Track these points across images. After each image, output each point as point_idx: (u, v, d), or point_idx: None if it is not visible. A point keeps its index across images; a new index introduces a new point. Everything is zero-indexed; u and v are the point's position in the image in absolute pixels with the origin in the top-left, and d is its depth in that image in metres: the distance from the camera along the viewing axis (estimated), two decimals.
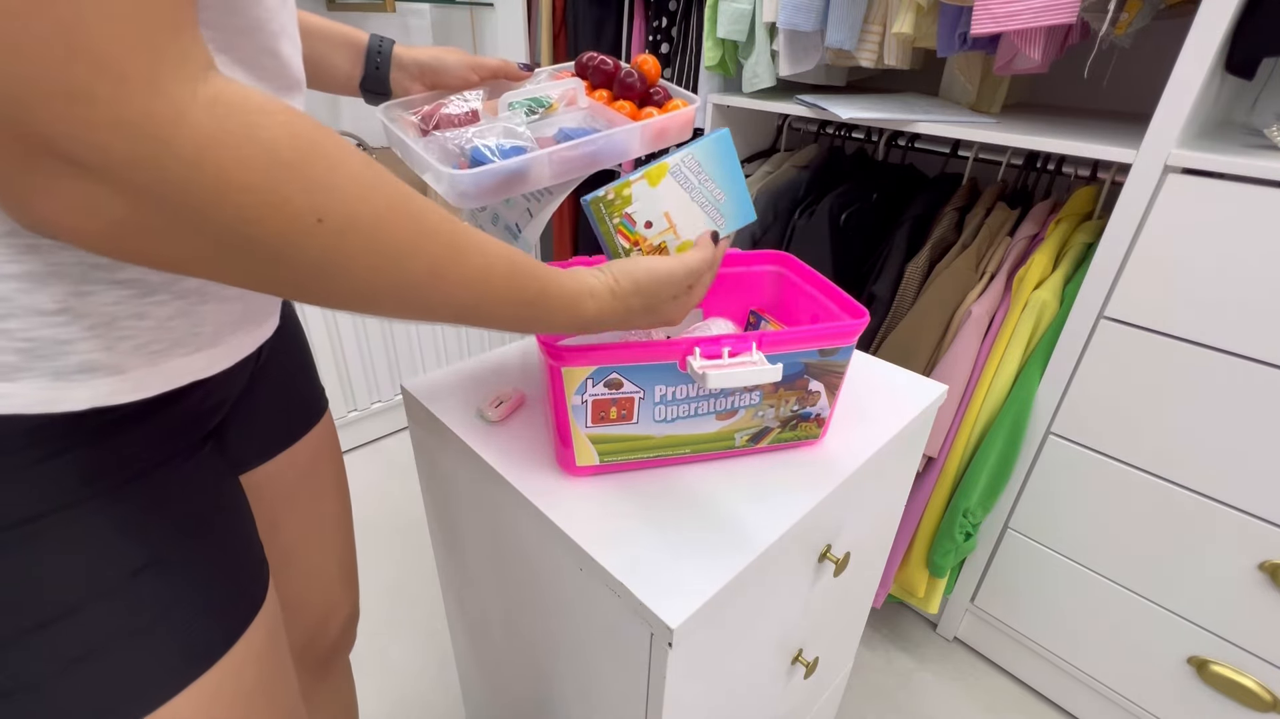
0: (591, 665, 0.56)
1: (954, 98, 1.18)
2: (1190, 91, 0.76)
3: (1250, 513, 0.86)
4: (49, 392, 0.30)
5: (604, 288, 0.44)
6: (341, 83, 0.60)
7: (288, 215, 0.27)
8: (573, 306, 0.42)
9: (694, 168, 0.50)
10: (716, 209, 0.52)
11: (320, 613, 0.64)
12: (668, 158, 0.49)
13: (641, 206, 0.49)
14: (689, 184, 0.50)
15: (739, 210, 0.53)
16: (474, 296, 0.36)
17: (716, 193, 0.52)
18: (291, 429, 0.58)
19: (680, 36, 1.48)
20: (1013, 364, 1.00)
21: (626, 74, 0.59)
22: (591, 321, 0.43)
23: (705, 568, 0.47)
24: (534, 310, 0.39)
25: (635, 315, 0.46)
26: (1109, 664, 1.07)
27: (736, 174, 0.52)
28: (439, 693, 1.19)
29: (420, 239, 0.32)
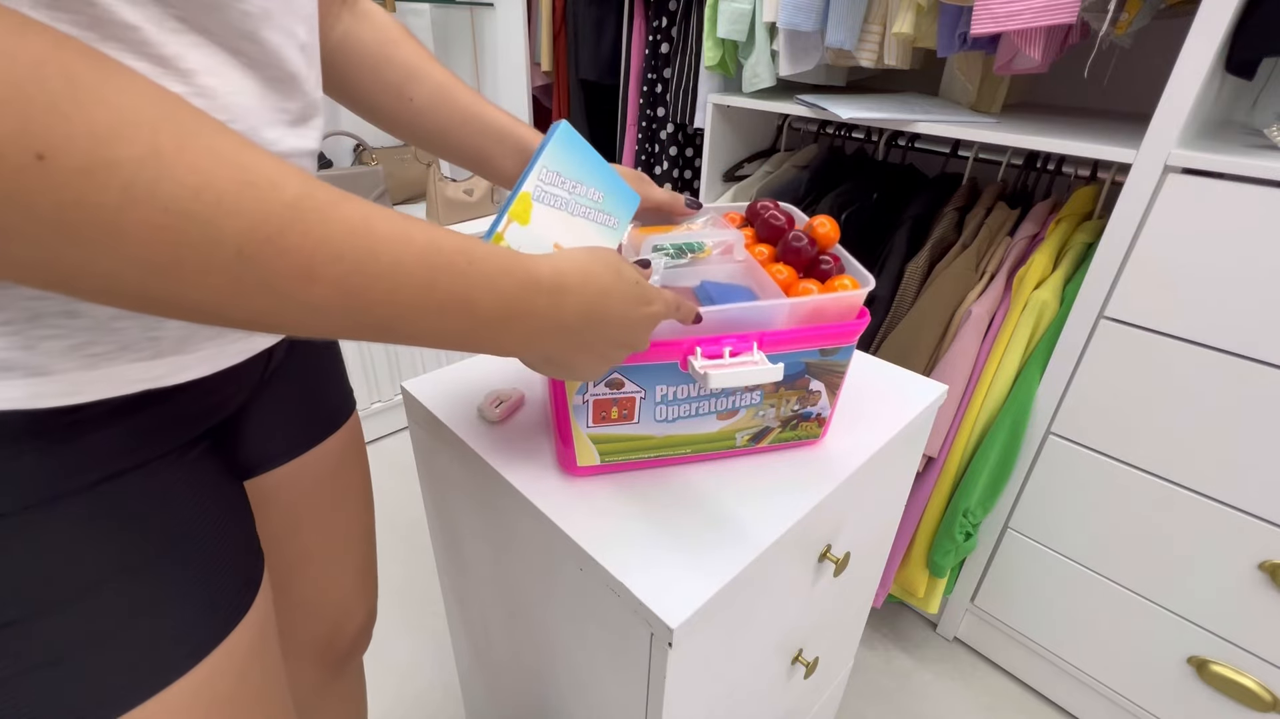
0: (591, 665, 0.56)
1: (954, 98, 1.18)
2: (1190, 91, 0.76)
3: (1250, 513, 0.86)
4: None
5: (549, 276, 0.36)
6: (507, 183, 0.57)
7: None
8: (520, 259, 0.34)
9: (556, 180, 0.45)
10: (601, 211, 0.47)
11: (337, 616, 0.63)
12: (524, 184, 0.43)
13: (525, 250, 0.42)
14: (561, 200, 0.45)
15: (621, 200, 0.48)
16: (345, 278, 0.27)
17: (593, 194, 0.46)
18: (312, 433, 0.56)
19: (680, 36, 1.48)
20: (1013, 364, 1.00)
21: (795, 236, 0.55)
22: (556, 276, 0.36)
23: (705, 568, 0.47)
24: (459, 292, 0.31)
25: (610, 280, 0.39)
26: (1109, 664, 1.07)
27: (598, 162, 0.47)
28: (439, 693, 1.19)
29: (242, 192, 0.24)
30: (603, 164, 0.48)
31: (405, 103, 0.54)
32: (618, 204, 0.48)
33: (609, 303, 0.39)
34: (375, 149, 1.83)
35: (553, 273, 0.36)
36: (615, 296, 0.39)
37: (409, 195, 1.94)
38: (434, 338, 0.33)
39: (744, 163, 1.46)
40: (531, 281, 0.35)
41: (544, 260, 0.36)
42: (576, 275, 0.37)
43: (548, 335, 0.37)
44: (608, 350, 0.41)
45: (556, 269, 0.36)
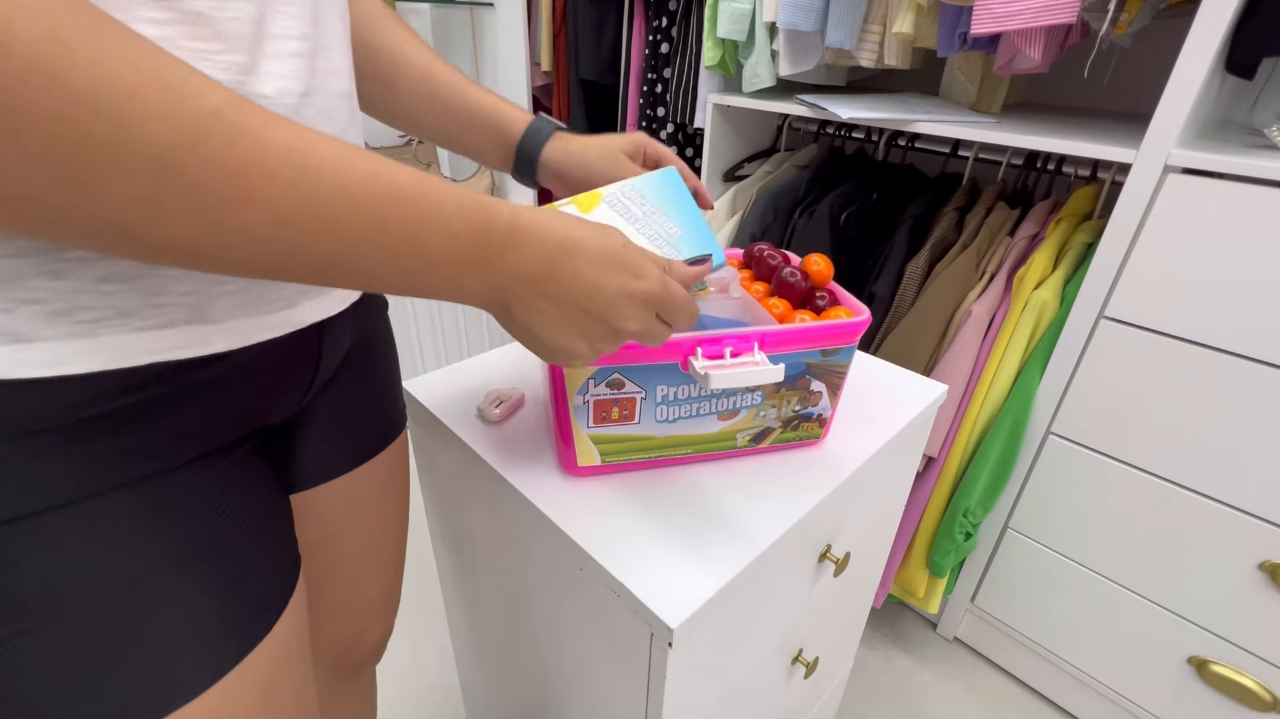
0: (591, 665, 0.56)
1: (954, 98, 1.18)
2: (1190, 91, 0.76)
3: (1250, 513, 0.86)
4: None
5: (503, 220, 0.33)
6: (493, 166, 0.57)
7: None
8: (470, 194, 0.31)
9: (634, 198, 0.43)
10: (669, 243, 0.44)
11: (359, 626, 0.63)
12: (604, 187, 0.43)
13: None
14: (630, 214, 0.43)
15: (699, 245, 0.45)
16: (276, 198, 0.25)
17: (668, 226, 0.44)
18: (364, 449, 0.55)
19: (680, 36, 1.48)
20: (1013, 364, 1.00)
21: (789, 272, 0.57)
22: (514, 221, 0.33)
23: (705, 568, 0.47)
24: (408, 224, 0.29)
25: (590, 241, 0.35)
26: (1109, 664, 1.07)
27: (692, 211, 0.46)
28: (439, 693, 1.19)
29: (162, 95, 0.22)
30: (697, 215, 0.46)
31: (385, 89, 0.52)
32: (695, 244, 0.45)
33: (575, 259, 0.34)
34: (375, 149, 1.83)
35: (511, 214, 0.33)
36: (586, 254, 0.34)
37: None
38: (383, 280, 0.30)
39: (744, 163, 1.46)
40: (485, 220, 0.32)
41: (508, 204, 0.33)
42: (539, 220, 0.34)
43: (507, 288, 0.34)
44: (577, 319, 0.36)
45: (516, 210, 0.33)
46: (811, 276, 0.58)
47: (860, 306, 0.54)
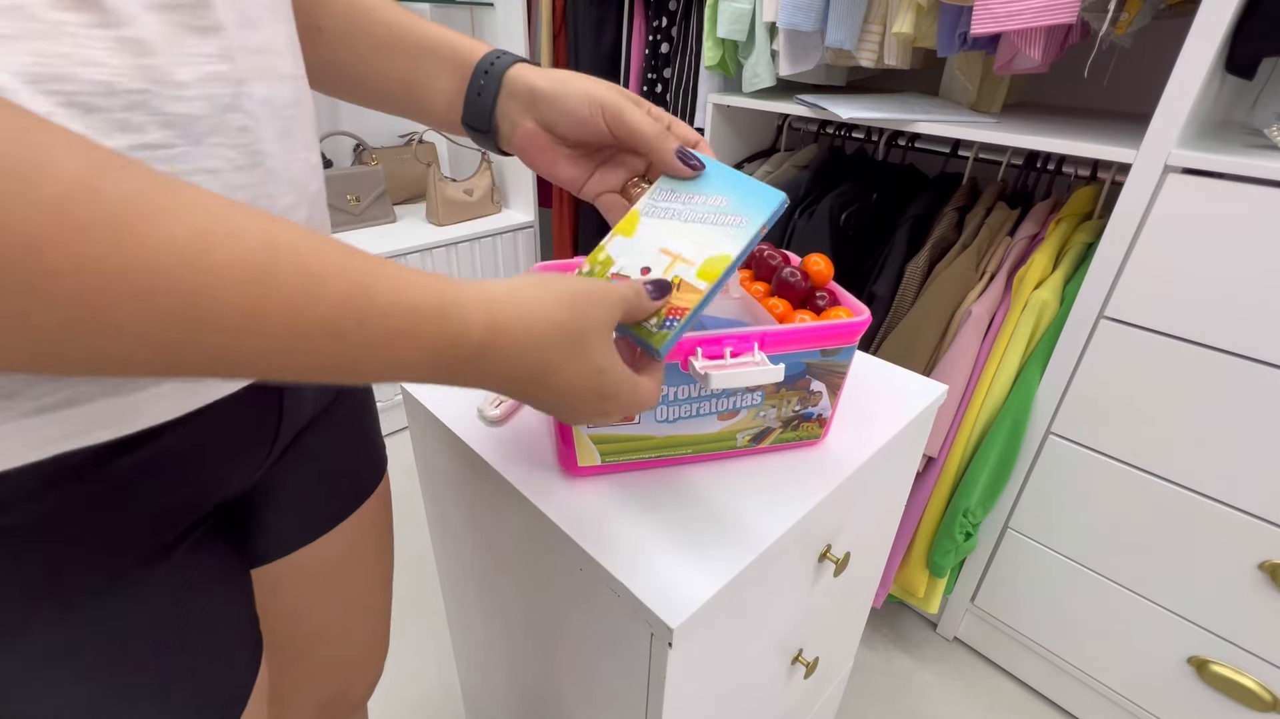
0: (591, 665, 0.56)
1: (954, 98, 1.18)
2: (1190, 91, 0.76)
3: (1250, 513, 0.86)
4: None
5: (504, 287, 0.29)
6: (442, 115, 0.45)
7: None
8: (438, 319, 0.26)
9: (670, 196, 0.42)
10: (725, 214, 0.42)
11: (348, 679, 0.60)
12: (637, 204, 0.42)
13: (628, 260, 0.40)
14: (673, 212, 0.42)
15: (754, 200, 0.42)
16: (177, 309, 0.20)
17: (714, 200, 0.42)
18: (335, 511, 0.50)
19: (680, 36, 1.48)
20: (1013, 364, 1.00)
21: (789, 272, 0.57)
22: (483, 348, 0.28)
23: (705, 568, 0.47)
24: (340, 340, 0.23)
25: (564, 350, 0.31)
26: (1109, 664, 1.07)
27: (726, 174, 0.43)
28: (439, 693, 1.19)
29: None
30: (733, 175, 0.43)
31: (314, 34, 0.43)
32: (747, 205, 0.42)
33: (547, 382, 0.31)
34: (375, 149, 1.83)
35: (482, 334, 0.28)
36: (563, 377, 0.31)
37: (409, 195, 1.94)
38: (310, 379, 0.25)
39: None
40: (449, 341, 0.27)
41: (483, 306, 0.28)
42: (512, 341, 0.29)
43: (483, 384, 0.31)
44: (555, 409, 0.34)
45: (491, 325, 0.28)
46: (811, 276, 0.58)
47: (860, 306, 0.54)
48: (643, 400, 0.36)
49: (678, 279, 0.39)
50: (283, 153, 0.34)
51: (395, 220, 1.81)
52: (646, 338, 0.38)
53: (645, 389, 0.36)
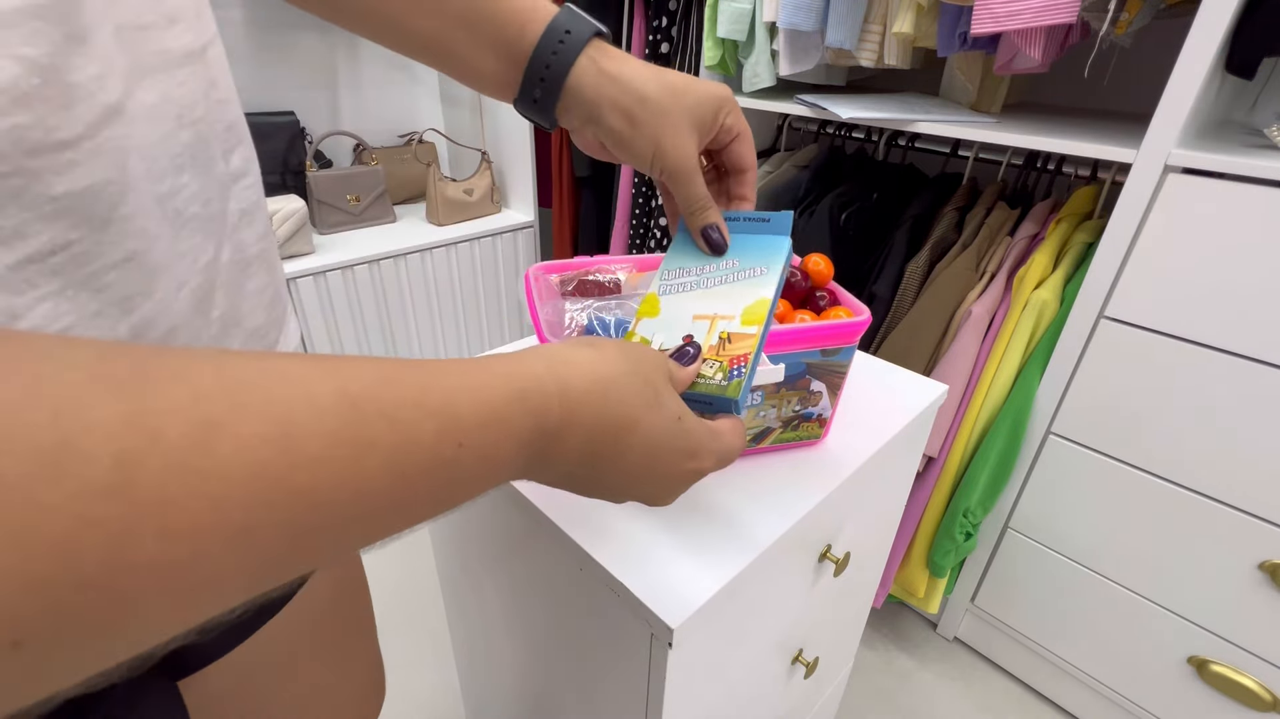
0: (591, 665, 0.56)
1: (954, 97, 1.18)
2: (1190, 91, 0.76)
3: (1250, 513, 0.86)
4: None
5: (566, 348, 0.27)
6: (497, 92, 0.39)
7: None
8: (523, 406, 0.24)
9: (681, 274, 0.41)
10: (743, 271, 0.41)
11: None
12: (650, 286, 0.41)
13: (664, 335, 0.39)
14: (691, 284, 0.41)
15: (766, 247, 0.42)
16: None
17: (726, 264, 0.42)
18: (280, 594, 0.43)
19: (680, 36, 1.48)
20: (1013, 364, 1.00)
21: (789, 273, 0.56)
22: (567, 418, 0.25)
23: (705, 568, 0.47)
24: (448, 472, 0.22)
25: (638, 398, 0.28)
26: (1109, 664, 1.07)
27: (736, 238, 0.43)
28: (439, 693, 1.19)
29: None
30: (734, 226, 0.43)
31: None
32: (761, 255, 0.42)
33: (638, 439, 0.28)
34: (375, 149, 1.83)
35: (560, 402, 0.25)
36: (645, 432, 0.28)
37: (409, 195, 1.94)
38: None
39: None
40: (532, 428, 0.24)
41: (547, 382, 0.25)
42: (588, 399, 0.26)
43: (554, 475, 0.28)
44: (659, 484, 0.31)
45: (563, 388, 0.25)
46: (811, 276, 0.58)
47: (860, 306, 0.54)
48: (729, 447, 0.33)
49: (725, 333, 0.38)
50: (199, 182, 0.27)
51: (395, 220, 1.81)
52: (720, 393, 0.36)
53: (728, 434, 0.33)
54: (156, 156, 0.24)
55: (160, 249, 0.25)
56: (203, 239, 0.28)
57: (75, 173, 0.20)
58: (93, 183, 0.21)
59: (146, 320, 0.24)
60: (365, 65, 1.82)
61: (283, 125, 1.63)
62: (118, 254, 0.22)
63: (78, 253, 0.21)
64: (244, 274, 0.32)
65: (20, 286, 0.20)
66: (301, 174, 1.65)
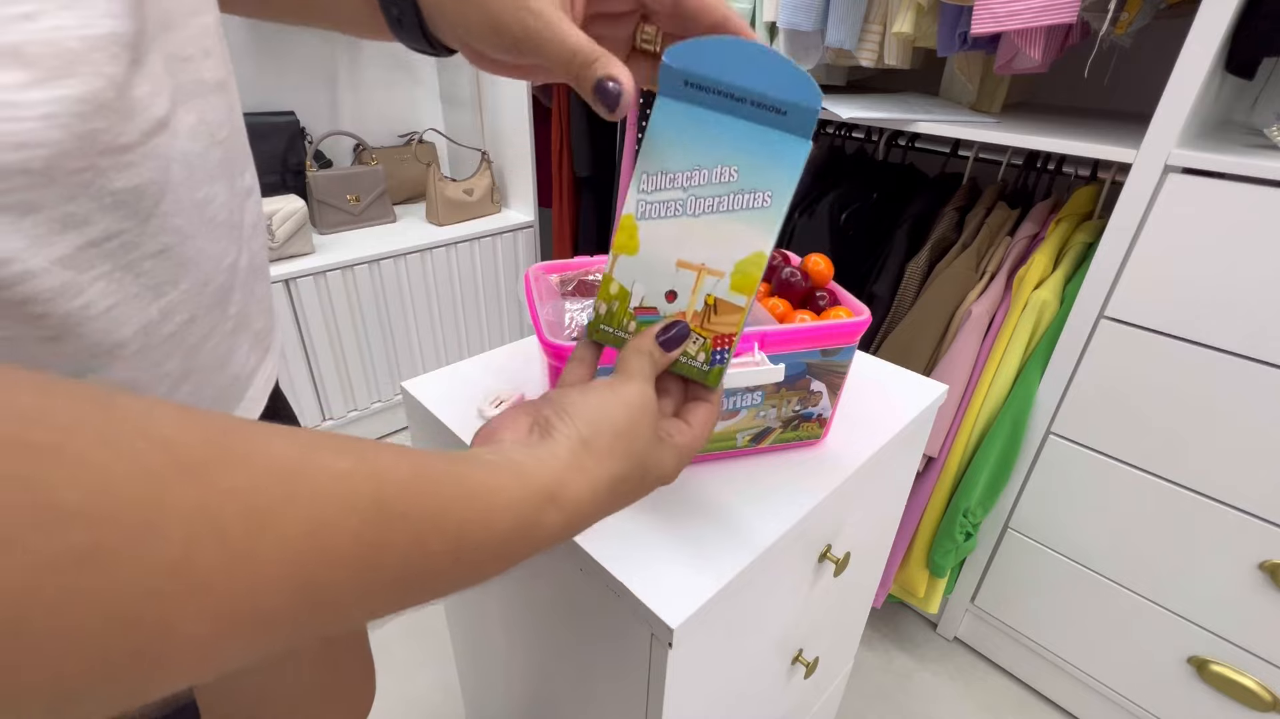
0: (591, 665, 0.56)
1: (954, 97, 1.18)
2: (1190, 91, 0.76)
3: (1250, 513, 0.86)
4: None
5: (572, 470, 0.27)
6: (365, 25, 0.35)
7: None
8: (521, 536, 0.26)
9: (663, 182, 0.32)
10: (741, 192, 0.32)
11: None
12: (627, 199, 0.33)
13: (645, 287, 0.34)
14: (676, 204, 0.33)
15: (780, 153, 0.31)
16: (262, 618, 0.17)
17: (723, 172, 0.32)
18: None
19: None
20: (1013, 364, 1.00)
21: (789, 272, 0.57)
22: (558, 535, 0.28)
23: (705, 568, 0.47)
24: (439, 579, 0.23)
25: (627, 489, 0.30)
26: (1109, 664, 1.07)
27: (724, 112, 0.31)
28: (439, 692, 1.19)
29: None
30: (736, 109, 0.31)
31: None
32: (770, 161, 0.32)
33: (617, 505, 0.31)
34: (375, 149, 1.83)
35: (560, 531, 0.28)
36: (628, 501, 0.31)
37: (409, 195, 1.94)
38: None
39: None
40: (529, 553, 0.27)
41: (552, 519, 0.27)
42: (588, 518, 0.29)
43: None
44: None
45: (567, 521, 0.28)
46: (811, 276, 0.58)
47: (860, 306, 0.54)
48: (693, 446, 0.34)
49: (712, 298, 0.34)
50: (225, 194, 0.30)
51: (395, 220, 1.81)
52: (700, 378, 0.35)
53: (694, 436, 0.34)
54: (196, 167, 0.28)
55: (191, 246, 0.28)
56: (227, 243, 0.31)
57: (131, 172, 0.23)
58: (141, 182, 0.24)
59: (173, 305, 0.27)
60: (365, 65, 1.82)
61: (283, 125, 1.63)
62: (155, 246, 0.26)
63: (125, 241, 0.24)
64: (255, 279, 0.35)
65: (84, 265, 0.23)
66: (301, 174, 1.65)
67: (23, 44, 0.19)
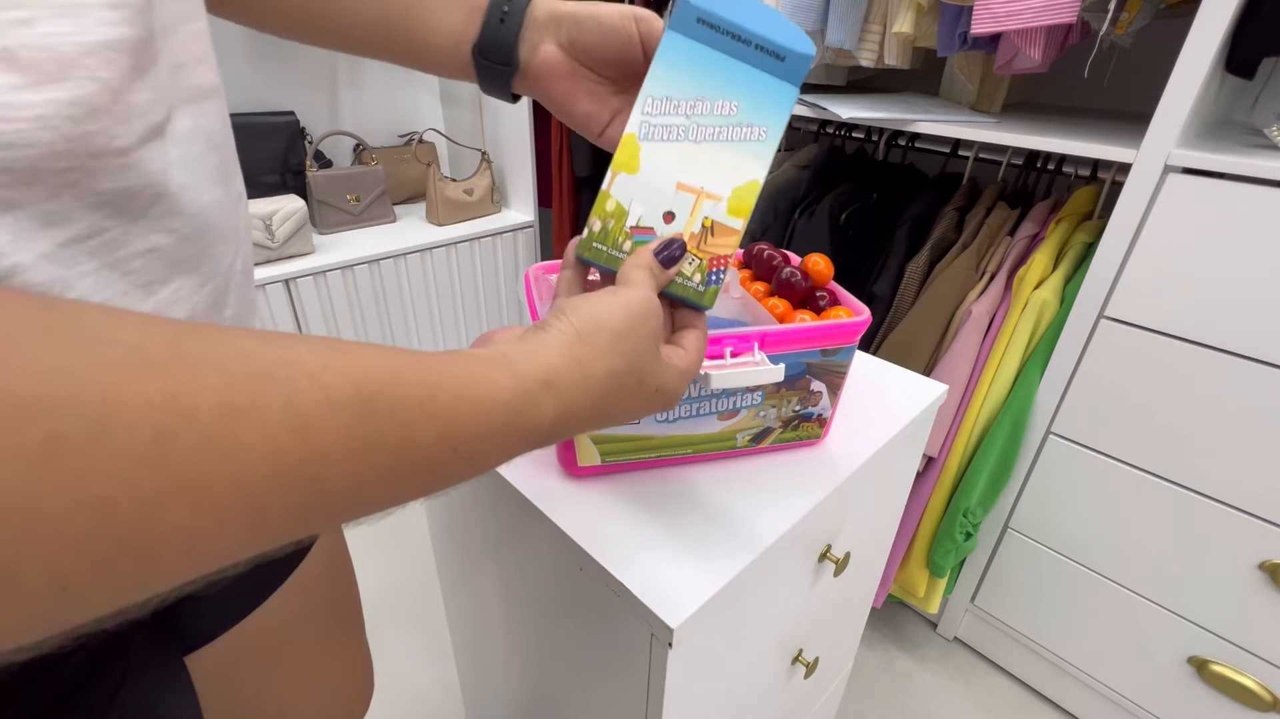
0: (591, 665, 0.56)
1: (954, 97, 1.18)
2: (1190, 91, 0.76)
3: (1250, 513, 0.86)
4: None
5: (565, 359, 0.27)
6: (443, 50, 0.39)
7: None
8: (516, 424, 0.25)
9: (667, 107, 0.34)
10: (739, 125, 0.35)
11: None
12: (632, 117, 0.34)
13: (643, 206, 0.35)
14: (678, 129, 0.34)
15: (770, 96, 0.35)
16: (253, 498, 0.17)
17: (724, 106, 0.35)
18: (275, 576, 0.46)
19: None
20: (1013, 364, 1.00)
21: (789, 272, 0.56)
22: (554, 426, 0.27)
23: (705, 568, 0.47)
24: (438, 470, 0.23)
25: (624, 393, 0.30)
26: (1109, 664, 1.07)
27: (730, 53, 0.34)
28: (439, 693, 1.19)
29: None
30: (741, 51, 0.34)
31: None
32: (767, 101, 0.35)
33: (617, 416, 0.31)
34: (375, 149, 1.83)
35: (553, 422, 0.27)
36: (625, 410, 0.31)
37: (409, 195, 1.94)
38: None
39: None
40: (522, 442, 0.26)
41: (544, 403, 0.26)
42: (581, 413, 0.28)
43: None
44: (621, 423, 0.34)
45: (561, 408, 0.27)
46: (811, 276, 0.58)
47: (860, 306, 0.54)
48: (691, 370, 0.34)
49: (709, 221, 0.35)
50: (223, 198, 0.30)
51: (395, 220, 1.81)
52: (695, 299, 0.35)
53: (695, 359, 0.34)
54: (197, 172, 0.28)
55: (189, 248, 0.28)
56: (224, 246, 0.31)
57: (124, 175, 0.24)
58: (134, 185, 0.24)
59: (166, 303, 0.28)
60: (365, 65, 1.82)
61: (283, 125, 1.63)
62: (143, 245, 0.26)
63: (109, 239, 0.24)
64: (246, 283, 0.36)
65: (69, 262, 0.23)
66: (301, 174, 1.65)
67: (17, 48, 0.19)
